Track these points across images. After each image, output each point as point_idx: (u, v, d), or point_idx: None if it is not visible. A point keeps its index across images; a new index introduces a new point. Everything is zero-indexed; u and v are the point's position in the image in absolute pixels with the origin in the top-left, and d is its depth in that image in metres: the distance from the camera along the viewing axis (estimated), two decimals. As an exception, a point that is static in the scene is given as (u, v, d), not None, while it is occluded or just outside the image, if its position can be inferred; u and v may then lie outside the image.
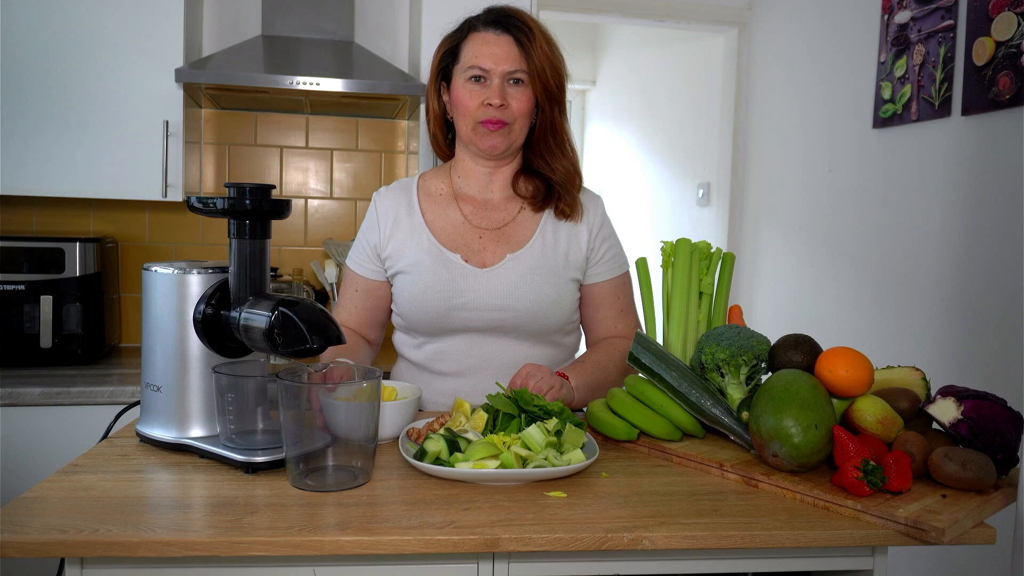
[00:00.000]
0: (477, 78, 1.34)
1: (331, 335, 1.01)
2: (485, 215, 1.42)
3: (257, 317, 1.02)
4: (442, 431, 1.07)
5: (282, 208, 1.06)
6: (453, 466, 0.99)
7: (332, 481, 0.97)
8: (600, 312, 1.46)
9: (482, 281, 1.36)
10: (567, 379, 1.30)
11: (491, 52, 1.33)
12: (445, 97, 1.42)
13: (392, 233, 1.41)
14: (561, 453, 1.02)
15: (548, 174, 1.41)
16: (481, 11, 1.39)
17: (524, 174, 1.44)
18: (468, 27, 1.38)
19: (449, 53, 1.40)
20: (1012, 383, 1.84)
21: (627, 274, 1.49)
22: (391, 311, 1.48)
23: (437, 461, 1.01)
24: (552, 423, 1.06)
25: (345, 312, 1.47)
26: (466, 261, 1.37)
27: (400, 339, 1.48)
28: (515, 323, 1.36)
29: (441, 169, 1.50)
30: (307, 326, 0.99)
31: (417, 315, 1.38)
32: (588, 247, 1.42)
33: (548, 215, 1.42)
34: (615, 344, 1.44)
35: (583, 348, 1.50)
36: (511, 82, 1.34)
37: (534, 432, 1.02)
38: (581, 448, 1.04)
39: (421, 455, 1.02)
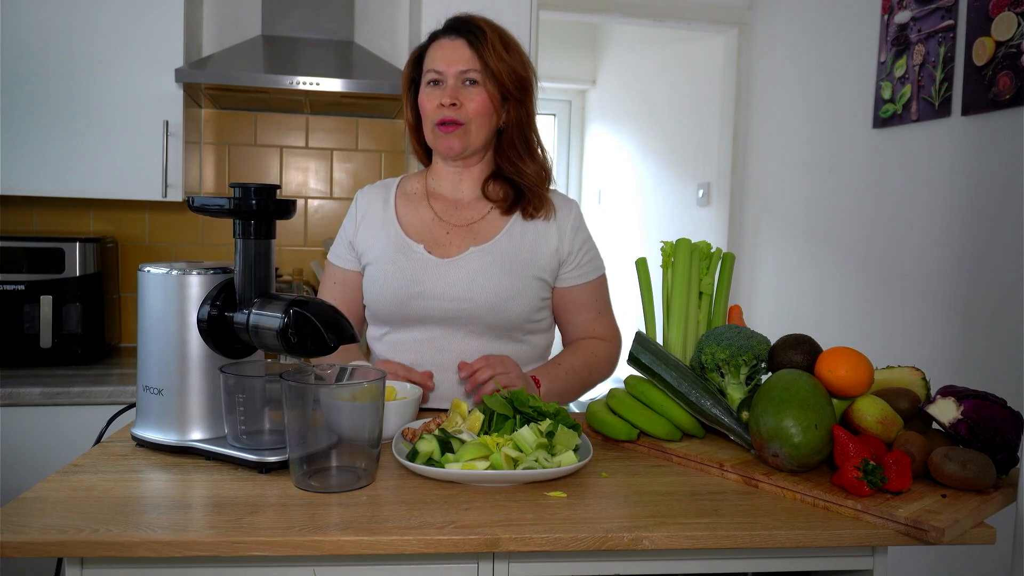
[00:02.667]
0: (435, 82, 1.39)
1: (346, 333, 1.02)
2: (455, 213, 1.46)
3: (269, 318, 1.01)
4: (436, 431, 1.07)
5: (287, 208, 1.06)
6: (444, 466, 0.99)
7: (336, 482, 0.97)
8: (578, 316, 1.48)
9: (441, 271, 1.38)
10: (538, 383, 1.33)
11: (445, 55, 1.38)
12: None
13: (366, 227, 1.47)
14: (553, 455, 1.02)
15: (517, 178, 1.44)
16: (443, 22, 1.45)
17: (494, 179, 1.47)
18: (431, 38, 1.44)
19: (416, 64, 1.45)
20: (1012, 383, 1.84)
21: (604, 276, 1.52)
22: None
23: (429, 462, 1.01)
24: (545, 424, 1.05)
25: None
26: (429, 252, 1.41)
27: (368, 331, 1.52)
28: (472, 315, 1.37)
29: (421, 172, 1.56)
30: (323, 325, 0.99)
31: (379, 303, 1.41)
32: (560, 249, 1.43)
33: (517, 215, 1.45)
34: (590, 346, 1.47)
35: (558, 348, 1.51)
36: (466, 83, 1.38)
37: (525, 433, 1.02)
38: (574, 450, 1.04)
39: (413, 455, 1.02)
